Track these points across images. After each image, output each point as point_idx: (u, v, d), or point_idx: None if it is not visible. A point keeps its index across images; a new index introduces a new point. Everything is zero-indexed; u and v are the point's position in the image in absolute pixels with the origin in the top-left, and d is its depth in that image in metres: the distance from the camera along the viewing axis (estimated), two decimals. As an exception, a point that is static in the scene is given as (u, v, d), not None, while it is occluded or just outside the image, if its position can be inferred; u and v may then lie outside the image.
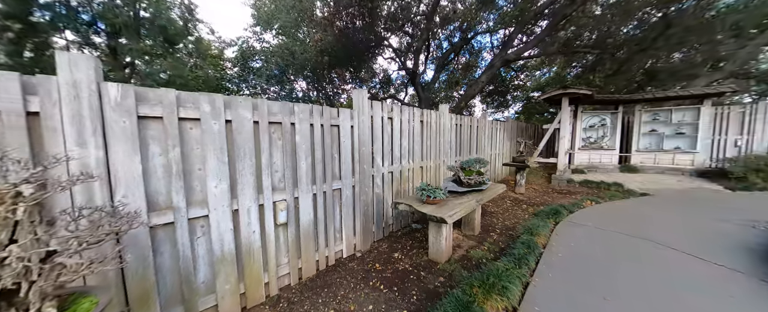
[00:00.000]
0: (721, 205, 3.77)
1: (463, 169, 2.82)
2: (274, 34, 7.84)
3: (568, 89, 5.34)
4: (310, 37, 6.75)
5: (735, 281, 1.90)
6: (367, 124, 2.58)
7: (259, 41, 8.57)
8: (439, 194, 2.17)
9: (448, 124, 3.97)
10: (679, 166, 6.02)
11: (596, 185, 5.24)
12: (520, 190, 4.90)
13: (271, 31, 7.67)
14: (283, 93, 8.95)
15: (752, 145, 5.82)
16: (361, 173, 2.56)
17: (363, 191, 2.59)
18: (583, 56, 9.90)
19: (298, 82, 10.34)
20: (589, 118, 6.98)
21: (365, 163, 2.60)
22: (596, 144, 6.92)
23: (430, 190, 2.20)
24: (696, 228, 2.92)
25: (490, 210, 3.93)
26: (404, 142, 3.12)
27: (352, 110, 2.48)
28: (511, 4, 8.26)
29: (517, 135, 7.27)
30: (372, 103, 2.67)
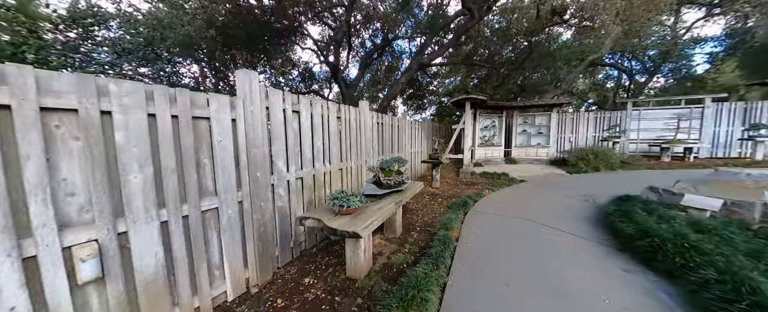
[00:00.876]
0: (565, 185, 5.12)
1: (383, 170, 2.61)
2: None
3: (470, 95, 6.16)
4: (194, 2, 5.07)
5: (584, 247, 2.43)
6: (259, 118, 1.96)
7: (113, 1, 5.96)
8: (354, 202, 1.84)
9: (369, 122, 3.73)
10: (540, 157, 8.01)
11: (490, 176, 6.26)
12: (436, 185, 5.27)
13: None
14: (162, 77, 6.58)
15: (578, 141, 8.39)
16: (253, 183, 1.93)
17: (257, 207, 1.97)
18: (479, 69, 11.97)
19: (188, 65, 7.94)
20: (484, 120, 8.38)
21: (260, 170, 1.98)
22: (489, 141, 8.38)
23: (344, 198, 1.84)
24: (555, 205, 3.76)
25: (411, 207, 3.96)
26: (318, 142, 2.64)
27: (235, 99, 1.82)
28: (423, 15, 9.04)
29: (433, 134, 7.95)
30: (268, 90, 2.07)
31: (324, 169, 2.75)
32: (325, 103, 2.73)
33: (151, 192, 1.39)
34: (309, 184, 2.54)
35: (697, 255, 1.85)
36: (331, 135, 2.86)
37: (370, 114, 3.75)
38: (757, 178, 2.57)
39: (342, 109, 3.04)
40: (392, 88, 7.43)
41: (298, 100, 2.37)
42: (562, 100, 7.83)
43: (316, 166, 2.64)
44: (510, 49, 10.98)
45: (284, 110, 2.22)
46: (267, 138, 2.06)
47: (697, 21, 11.16)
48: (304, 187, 2.49)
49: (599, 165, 6.43)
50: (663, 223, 2.42)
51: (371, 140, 3.85)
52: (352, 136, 3.29)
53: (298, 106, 2.37)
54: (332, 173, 2.90)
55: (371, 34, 9.86)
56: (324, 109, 2.71)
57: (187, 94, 1.54)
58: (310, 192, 2.56)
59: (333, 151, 2.89)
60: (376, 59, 10.42)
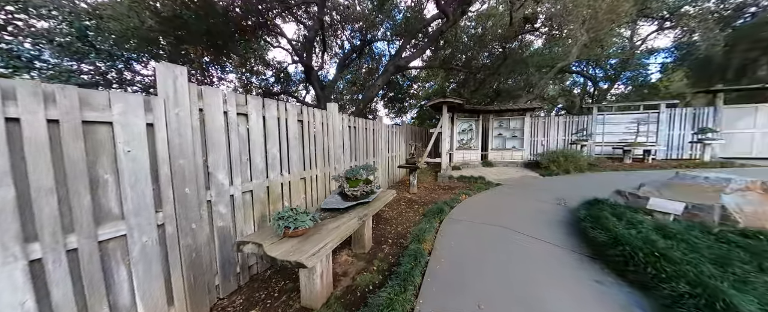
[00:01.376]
0: (539, 188, 5.18)
1: (349, 180, 2.36)
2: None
3: (447, 98, 6.12)
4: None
5: (558, 256, 2.34)
6: (188, 122, 1.63)
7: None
8: (305, 221, 1.56)
9: (339, 125, 3.46)
10: (515, 160, 8.19)
11: (468, 179, 6.23)
12: (414, 190, 5.10)
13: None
14: (111, 77, 5.76)
15: (549, 144, 8.70)
16: (180, 202, 1.59)
17: (186, 230, 1.62)
18: (457, 73, 12.16)
19: (146, 63, 7.10)
20: (461, 124, 8.43)
21: (190, 184, 1.64)
22: (467, 145, 8.44)
23: (292, 217, 1.55)
24: (529, 210, 3.73)
25: (385, 216, 3.73)
26: (274, 148, 2.33)
27: (151, 99, 1.48)
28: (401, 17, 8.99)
29: (412, 138, 7.84)
30: (203, 89, 1.74)
31: (281, 179, 2.44)
32: (282, 105, 2.43)
33: (10, 223, 1.03)
34: (261, 197, 2.21)
35: (668, 264, 1.80)
36: (291, 140, 2.56)
37: (339, 117, 3.49)
38: (714, 182, 2.65)
39: (305, 111, 2.75)
40: (369, 91, 7.21)
41: (246, 101, 2.06)
42: (535, 105, 8.09)
43: (271, 177, 2.32)
44: (486, 55, 11.29)
45: (226, 113, 1.90)
46: (201, 146, 1.73)
47: (650, 34, 12.25)
48: (255, 202, 2.16)
49: (569, 167, 6.66)
50: (632, 229, 2.40)
51: (342, 145, 3.58)
52: (317, 141, 3.00)
53: (246, 108, 2.05)
54: (293, 184, 2.59)
55: (350, 35, 9.62)
56: (281, 111, 2.41)
57: (74, 92, 1.19)
58: (262, 207, 2.23)
59: (293, 159, 2.59)
60: (354, 61, 10.19)
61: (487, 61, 11.26)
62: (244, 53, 7.42)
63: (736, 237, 2.21)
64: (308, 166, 2.85)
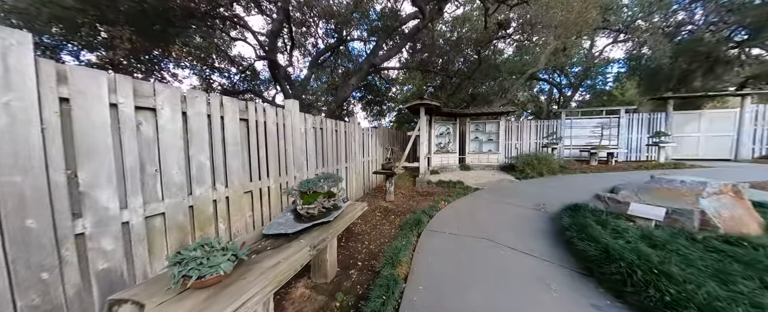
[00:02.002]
0: (517, 192, 5.07)
1: (303, 194, 1.88)
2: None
3: (424, 100, 5.86)
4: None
5: (548, 272, 2.08)
6: (32, 117, 1.06)
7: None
8: (219, 265, 1.06)
9: (300, 126, 2.96)
10: (492, 163, 8.19)
11: (447, 184, 6.00)
12: (390, 198, 4.70)
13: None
14: None
15: (523, 147, 8.86)
16: (16, 241, 1.01)
17: (30, 283, 1.04)
18: (434, 77, 12.14)
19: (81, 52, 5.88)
20: (439, 127, 8.27)
21: (37, 214, 1.07)
22: (445, 148, 8.29)
23: (198, 259, 1.05)
24: (511, 217, 3.51)
25: (357, 230, 3.27)
26: (200, 155, 1.78)
27: None
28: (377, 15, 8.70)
29: (389, 142, 7.48)
30: (68, 69, 1.18)
31: (214, 195, 1.88)
32: (216, 99, 1.89)
33: None
34: (179, 222, 1.65)
35: (670, 284, 1.57)
36: (230, 145, 2.02)
37: (301, 117, 2.99)
38: (691, 186, 2.59)
39: (251, 108, 2.22)
40: (342, 90, 6.73)
41: (154, 90, 1.50)
42: (509, 109, 8.21)
43: (198, 193, 1.76)
44: (461, 61, 11.42)
45: (115, 105, 1.33)
46: (62, 153, 1.16)
47: (606, 46, 13.35)
48: (170, 229, 1.59)
49: (542, 170, 6.74)
50: (619, 238, 2.22)
51: (305, 150, 3.07)
52: (270, 145, 2.47)
53: (153, 101, 1.49)
54: (232, 200, 2.04)
55: (324, 33, 9.09)
56: (213, 106, 1.87)
57: None
58: (182, 234, 1.67)
59: (233, 168, 2.04)
60: (329, 60, 9.64)
61: (463, 67, 11.40)
62: (200, 44, 6.54)
63: (721, 244, 2.10)
64: (257, 176, 2.31)
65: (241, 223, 2.12)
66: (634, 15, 9.88)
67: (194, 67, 8.41)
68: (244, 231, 2.16)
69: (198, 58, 7.98)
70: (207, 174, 1.82)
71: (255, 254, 1.40)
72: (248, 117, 2.20)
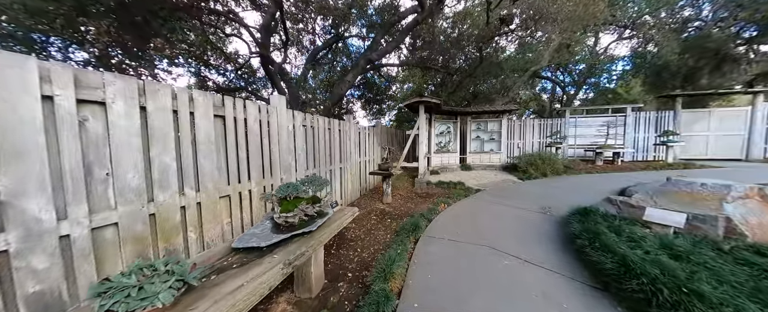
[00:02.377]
0: (521, 194, 4.85)
1: (282, 200, 1.67)
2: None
3: (423, 98, 5.64)
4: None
5: (559, 287, 1.86)
6: None
7: None
8: (156, 296, 0.85)
9: (287, 123, 2.75)
10: (493, 163, 7.96)
11: (447, 185, 5.77)
12: (388, 200, 4.49)
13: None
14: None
15: (525, 147, 8.62)
16: None
17: None
18: (434, 75, 11.88)
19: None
20: (439, 126, 8.04)
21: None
22: (445, 148, 8.07)
23: (126, 289, 0.84)
24: (515, 221, 3.29)
25: (350, 236, 3.06)
26: (165, 156, 1.57)
27: None
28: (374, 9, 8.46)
29: (388, 141, 7.26)
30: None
31: (182, 200, 1.68)
32: (183, 93, 1.68)
33: None
34: (137, 232, 1.44)
35: (704, 307, 1.35)
36: (202, 144, 1.81)
37: (289, 114, 2.78)
38: (713, 189, 2.37)
39: (228, 104, 2.01)
40: (338, 87, 6.48)
41: (102, 81, 1.29)
42: (511, 107, 7.97)
43: (161, 198, 1.55)
44: (463, 58, 11.17)
45: (50, 98, 1.13)
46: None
47: (611, 43, 13.04)
48: (125, 241, 1.39)
49: (546, 170, 6.51)
50: (636, 248, 2.00)
51: (293, 150, 2.86)
52: (252, 144, 2.26)
53: (101, 93, 1.28)
54: (205, 205, 1.83)
55: (321, 29, 8.86)
56: (180, 100, 1.65)
57: None
58: (141, 246, 1.46)
59: (205, 170, 1.83)
60: (326, 57, 9.40)
61: (464, 64, 11.15)
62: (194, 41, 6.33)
63: (753, 256, 1.88)
64: (236, 179, 2.10)
65: (215, 231, 1.91)
66: (641, 10, 9.59)
67: (188, 64, 8.21)
68: (221, 240, 1.95)
69: (193, 54, 7.78)
70: (173, 177, 1.62)
71: (217, 274, 1.19)
72: (225, 113, 1.99)
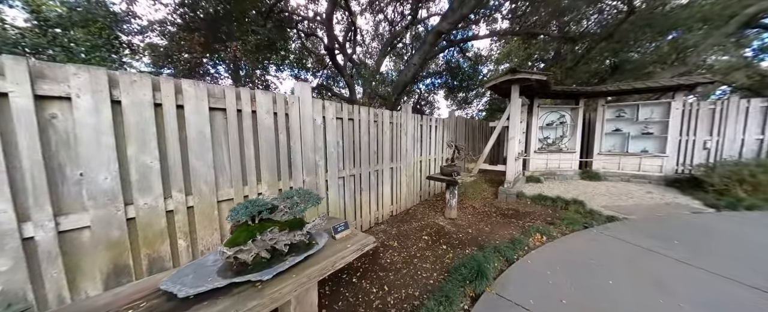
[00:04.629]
0: (713, 239, 2.58)
1: (243, 225, 1.18)
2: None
3: (517, 73, 3.99)
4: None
5: None
6: None
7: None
8: None
9: (315, 116, 2.34)
10: (647, 173, 5.02)
11: (552, 202, 3.96)
12: (451, 214, 3.45)
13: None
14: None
15: (723, 148, 4.95)
16: None
17: None
18: (544, 45, 8.88)
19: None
20: (546, 115, 5.81)
21: None
22: (554, 146, 5.78)
23: None
24: (698, 305, 1.58)
25: (385, 260, 2.37)
26: (146, 156, 1.43)
27: None
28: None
29: (466, 135, 5.92)
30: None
31: (169, 204, 1.51)
32: (168, 84, 1.48)
33: None
34: (113, 238, 1.34)
35: None
36: (194, 141, 1.60)
37: (317, 105, 2.35)
38: None
39: (229, 94, 1.74)
40: (402, 74, 5.65)
41: (65, 75, 1.18)
42: (698, 78, 4.63)
43: (143, 202, 1.42)
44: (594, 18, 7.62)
45: (3, 95, 1.05)
46: None
47: None
48: (98, 246, 1.30)
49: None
50: None
51: (322, 147, 2.44)
52: (263, 140, 1.96)
53: (63, 88, 1.17)
54: (198, 210, 1.63)
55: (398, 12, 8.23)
56: (164, 92, 1.46)
57: None
58: (117, 253, 1.36)
59: (198, 171, 1.62)
60: (399, 43, 8.70)
61: (595, 26, 7.60)
62: (294, 47, 7.24)
63: None
64: (240, 180, 1.84)
65: (212, 238, 1.71)
66: None
67: (290, 68, 9.69)
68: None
69: (293, 61, 9.10)
70: (155, 179, 1.45)
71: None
72: (226, 106, 1.73)
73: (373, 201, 3.19)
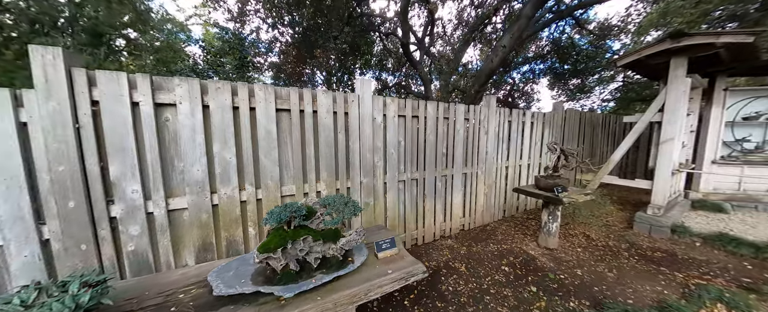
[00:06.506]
0: None
1: (277, 231, 1.14)
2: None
3: (685, 38, 2.50)
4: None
5: None
6: (67, 118, 1.26)
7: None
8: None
9: (373, 115, 2.20)
10: None
11: (748, 249, 2.31)
12: (549, 242, 2.57)
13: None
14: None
15: None
16: (63, 217, 1.28)
17: (74, 250, 1.30)
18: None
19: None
20: (745, 103, 3.53)
21: (76, 197, 1.30)
22: (758, 154, 3.45)
23: None
24: None
25: (445, 287, 1.97)
26: (227, 152, 1.64)
27: (24, 92, 1.20)
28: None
29: (579, 136, 4.42)
30: (97, 74, 1.33)
31: (242, 195, 1.70)
32: (243, 88, 1.64)
33: None
34: (202, 220, 1.60)
35: None
36: (263, 140, 1.73)
37: (377, 102, 2.19)
38: None
39: (293, 96, 1.80)
40: (486, 61, 4.58)
41: (172, 86, 1.46)
42: None
43: (223, 192, 1.64)
44: None
45: (136, 104, 1.39)
46: (95, 148, 1.33)
47: None
48: (191, 225, 1.58)
49: None
50: None
51: (381, 147, 2.27)
52: (322, 140, 1.96)
53: (172, 96, 1.45)
54: (266, 203, 1.78)
55: None
56: (240, 96, 1.63)
57: None
58: (205, 232, 1.62)
59: (265, 167, 1.76)
60: (488, 26, 7.40)
61: None
62: (377, 50, 7.57)
63: None
64: (301, 178, 1.90)
65: (274, 231, 1.83)
66: None
67: (372, 70, 10.22)
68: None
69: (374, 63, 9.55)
70: (233, 173, 1.65)
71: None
72: (290, 106, 1.80)
73: (439, 210, 2.77)
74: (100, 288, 0.88)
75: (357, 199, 2.17)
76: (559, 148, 2.59)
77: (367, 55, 8.75)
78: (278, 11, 5.89)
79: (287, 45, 6.98)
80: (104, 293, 0.88)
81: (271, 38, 7.74)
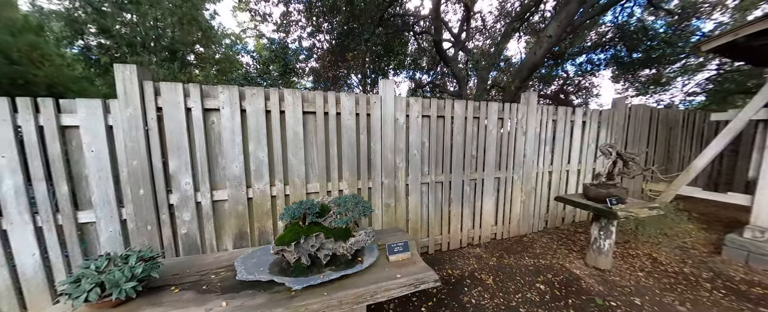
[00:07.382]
0: None
1: (292, 225, 1.22)
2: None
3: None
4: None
5: None
6: (139, 122, 1.54)
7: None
8: (121, 287, 0.83)
9: (395, 116, 2.18)
10: None
11: None
12: (600, 262, 2.21)
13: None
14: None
15: None
16: (135, 202, 1.57)
17: (143, 230, 1.59)
18: None
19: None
20: None
21: (145, 186, 1.58)
22: None
23: (93, 277, 0.91)
24: None
25: (467, 299, 1.86)
26: (260, 152, 1.81)
27: (111, 102, 1.51)
28: None
29: (649, 138, 3.70)
30: (160, 86, 1.59)
31: (272, 190, 1.86)
32: (275, 93, 1.79)
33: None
34: (238, 211, 1.79)
35: None
36: (291, 141, 1.87)
37: (400, 102, 2.17)
38: None
39: (318, 98, 1.89)
40: (530, 55, 3.99)
41: (216, 93, 1.67)
42: None
43: (257, 187, 1.82)
44: None
45: (189, 109, 1.63)
46: (159, 146, 1.59)
47: None
48: (230, 215, 1.78)
49: None
50: None
51: (403, 149, 2.24)
52: (345, 141, 2.02)
53: (216, 102, 1.66)
54: (292, 200, 1.91)
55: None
56: (271, 101, 1.78)
57: (50, 102, 1.40)
58: (241, 222, 1.81)
59: (292, 165, 1.89)
60: (536, 15, 6.65)
61: None
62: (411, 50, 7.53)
63: None
64: (325, 177, 1.99)
65: (299, 225, 1.95)
66: None
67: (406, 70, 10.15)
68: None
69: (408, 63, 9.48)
70: (265, 170, 1.82)
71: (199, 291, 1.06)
72: (316, 109, 1.90)
73: (467, 216, 2.62)
74: (152, 263, 1.06)
75: (378, 200, 2.18)
76: (614, 152, 2.21)
77: (401, 56, 8.73)
78: (316, 20, 6.32)
79: (324, 51, 7.44)
80: (154, 267, 1.05)
81: (310, 45, 8.33)
